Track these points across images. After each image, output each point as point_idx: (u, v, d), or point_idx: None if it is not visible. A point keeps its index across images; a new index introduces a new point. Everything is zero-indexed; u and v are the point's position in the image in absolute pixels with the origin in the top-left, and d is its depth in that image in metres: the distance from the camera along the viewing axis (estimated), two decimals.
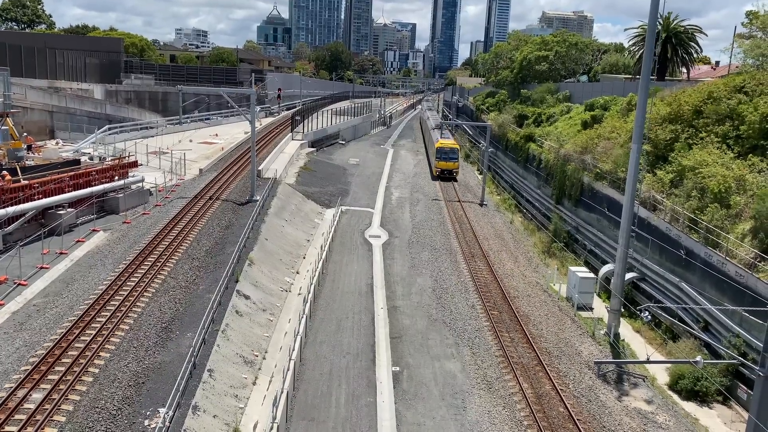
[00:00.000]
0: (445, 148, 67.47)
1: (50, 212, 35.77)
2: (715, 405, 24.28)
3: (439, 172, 66.80)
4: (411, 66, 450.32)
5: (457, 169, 67.25)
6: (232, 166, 54.93)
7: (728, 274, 25.50)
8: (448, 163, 66.58)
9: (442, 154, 67.10)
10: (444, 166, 66.71)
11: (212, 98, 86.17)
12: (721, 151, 31.68)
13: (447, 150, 67.25)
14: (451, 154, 66.87)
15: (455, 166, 67.03)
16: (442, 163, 66.69)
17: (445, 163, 66.54)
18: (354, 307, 31.33)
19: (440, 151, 67.29)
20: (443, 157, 66.89)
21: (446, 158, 66.63)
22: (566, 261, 40.05)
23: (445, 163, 66.62)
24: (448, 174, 66.64)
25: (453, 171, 67.04)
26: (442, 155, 67.01)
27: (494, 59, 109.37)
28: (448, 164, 66.61)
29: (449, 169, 66.80)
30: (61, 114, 68.30)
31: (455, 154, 67.34)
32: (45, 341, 22.56)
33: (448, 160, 66.53)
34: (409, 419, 22.03)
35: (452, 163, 66.48)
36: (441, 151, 67.29)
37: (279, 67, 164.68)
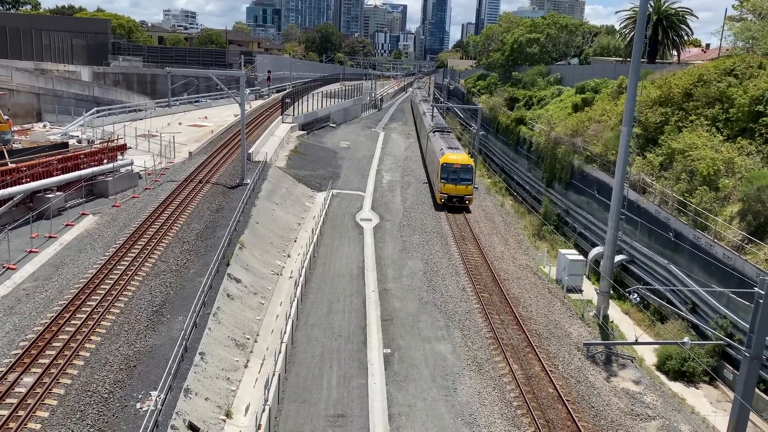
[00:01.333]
0: (454, 165, 46.70)
1: (38, 196, 35.48)
2: (701, 385, 24.63)
3: (446, 199, 46.26)
4: (402, 48, 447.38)
5: (470, 195, 46.85)
6: (222, 149, 54.63)
7: (716, 256, 25.75)
8: (458, 187, 46.26)
9: (450, 173, 46.46)
10: (452, 191, 46.29)
11: (201, 80, 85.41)
12: (710, 134, 31.82)
13: (457, 168, 46.54)
14: (462, 173, 46.42)
15: (468, 191, 46.53)
16: (449, 186, 46.30)
17: (454, 186, 46.24)
18: (345, 290, 31.42)
19: (446, 170, 46.63)
20: (451, 177, 46.45)
21: (455, 179, 46.38)
22: (556, 244, 40.27)
23: (453, 187, 46.26)
24: (459, 202, 46.43)
25: (465, 198, 46.54)
26: (449, 175, 46.45)
27: (485, 41, 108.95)
28: (458, 188, 46.27)
29: (460, 196, 46.30)
30: (48, 96, 67.55)
31: (469, 173, 46.80)
32: (35, 325, 22.50)
33: (459, 182, 46.32)
34: (400, 401, 22.22)
35: (464, 186, 46.41)
36: (448, 169, 46.64)
37: (269, 49, 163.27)
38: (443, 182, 46.70)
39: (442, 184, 46.80)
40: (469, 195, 47.05)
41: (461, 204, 46.84)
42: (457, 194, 46.50)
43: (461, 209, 46.72)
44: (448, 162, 46.93)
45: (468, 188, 46.78)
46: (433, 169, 53.20)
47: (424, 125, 72.50)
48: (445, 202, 46.58)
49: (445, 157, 47.72)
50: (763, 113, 29.74)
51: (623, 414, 22.15)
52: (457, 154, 48.91)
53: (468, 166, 47.28)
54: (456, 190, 46.46)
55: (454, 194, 46.38)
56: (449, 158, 47.46)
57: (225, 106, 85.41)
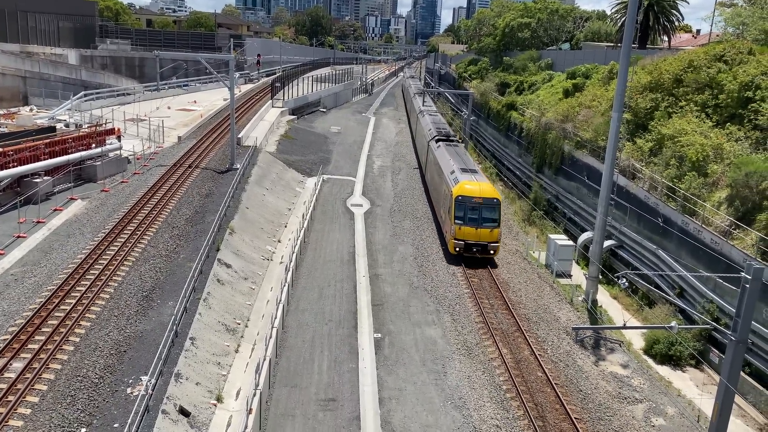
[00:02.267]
0: (474, 200, 33.73)
1: (26, 180, 35.15)
2: (688, 369, 24.95)
3: (462, 247, 33.23)
4: (393, 32, 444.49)
5: (497, 242, 33.52)
6: (211, 134, 54.28)
7: (704, 241, 25.97)
8: (480, 231, 33.15)
9: (467, 211, 33.56)
10: (471, 237, 33.15)
11: (190, 64, 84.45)
12: (699, 120, 31.93)
13: (477, 204, 33.65)
14: (485, 211, 33.60)
15: (494, 236, 33.31)
16: (467, 230, 33.22)
17: (474, 230, 33.15)
18: (336, 276, 31.46)
19: (462, 206, 33.67)
20: (469, 217, 33.49)
21: (475, 220, 33.37)
22: (546, 229, 40.45)
23: (473, 231, 33.17)
24: (480, 252, 33.21)
25: (490, 247, 33.24)
26: (466, 213, 33.53)
27: (477, 26, 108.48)
28: (480, 233, 33.15)
29: (482, 244, 33.10)
30: (34, 80, 66.69)
31: (494, 211, 33.80)
32: (24, 310, 22.40)
33: (480, 223, 33.29)
34: (390, 384, 22.37)
35: (487, 230, 33.21)
36: (464, 205, 33.68)
37: (258, 33, 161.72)
38: (458, 224, 33.08)
39: (456, 226, 33.07)
40: (495, 242, 33.03)
41: (484, 254, 33.01)
42: (478, 241, 32.78)
43: (484, 262, 33.23)
44: (464, 195, 33.52)
45: (494, 232, 32.99)
46: (440, 199, 38.84)
47: (420, 125, 59.86)
48: (461, 252, 33.05)
49: (459, 188, 34.08)
50: (752, 99, 29.87)
51: (611, 397, 22.43)
52: (476, 182, 34.95)
53: (493, 201, 33.63)
54: (476, 235, 32.80)
55: (473, 241, 32.75)
56: (466, 189, 33.87)
57: (214, 90, 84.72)
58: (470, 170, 38.02)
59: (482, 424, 20.36)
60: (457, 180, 35.51)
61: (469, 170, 37.95)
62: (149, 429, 16.61)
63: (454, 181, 35.50)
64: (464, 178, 35.57)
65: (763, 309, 21.85)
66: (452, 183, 35.56)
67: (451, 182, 35.88)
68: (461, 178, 35.57)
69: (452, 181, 35.97)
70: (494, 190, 35.64)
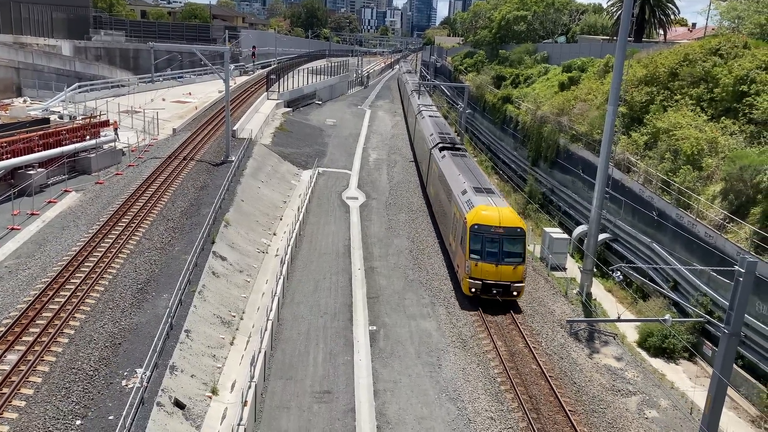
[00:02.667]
0: (493, 229, 27.99)
1: (20, 172, 34.99)
2: (681, 361, 25.09)
3: (479, 288, 27.71)
4: (388, 24, 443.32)
5: (521, 282, 27.92)
6: (206, 126, 54.08)
7: (698, 234, 26.07)
8: (500, 269, 27.63)
9: (485, 243, 27.92)
10: (490, 275, 27.64)
11: (185, 56, 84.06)
12: (695, 114, 32.00)
13: (497, 235, 27.93)
14: (507, 243, 27.90)
15: (518, 274, 27.70)
16: (485, 267, 27.68)
17: (494, 267, 27.62)
18: (331, 268, 31.47)
19: (479, 236, 27.99)
20: (488, 251, 27.89)
21: (494, 255, 27.81)
22: (541, 222, 40.53)
23: (492, 269, 27.63)
24: (502, 294, 27.69)
25: (513, 288, 27.68)
26: (484, 246, 27.94)
27: (473, 18, 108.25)
28: (500, 270, 27.62)
29: (504, 284, 27.61)
30: (27, 71, 66.20)
31: (518, 243, 28.04)
32: (18, 303, 22.34)
33: (501, 258, 27.77)
34: (385, 377, 22.43)
35: (509, 267, 27.68)
36: (481, 236, 27.98)
37: (253, 24, 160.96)
38: (474, 259, 27.50)
39: (471, 262, 27.51)
40: (520, 282, 27.46)
41: (506, 297, 27.54)
42: (499, 280, 27.26)
43: (506, 307, 27.76)
44: (481, 223, 27.75)
45: (518, 270, 27.39)
46: (448, 223, 33.26)
47: (420, 128, 53.62)
48: (478, 293, 27.50)
49: (475, 214, 28.15)
50: (747, 93, 29.92)
51: (604, 389, 22.55)
52: (495, 206, 28.92)
53: (516, 231, 27.76)
54: (497, 273, 27.25)
55: (492, 280, 27.24)
56: (483, 216, 27.98)
57: (209, 82, 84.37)
58: (485, 190, 31.70)
59: (476, 416, 20.45)
60: (472, 203, 29.30)
61: (485, 190, 31.59)
62: (144, 421, 16.62)
63: (468, 205, 29.44)
64: (480, 200, 29.52)
65: (756, 302, 21.98)
66: (465, 207, 29.51)
67: (463, 206, 29.87)
68: (476, 201, 29.41)
69: (465, 204, 29.86)
70: (517, 216, 29.07)
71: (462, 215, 29.47)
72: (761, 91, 29.42)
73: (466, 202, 30.12)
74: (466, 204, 29.95)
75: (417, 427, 19.83)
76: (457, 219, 30.73)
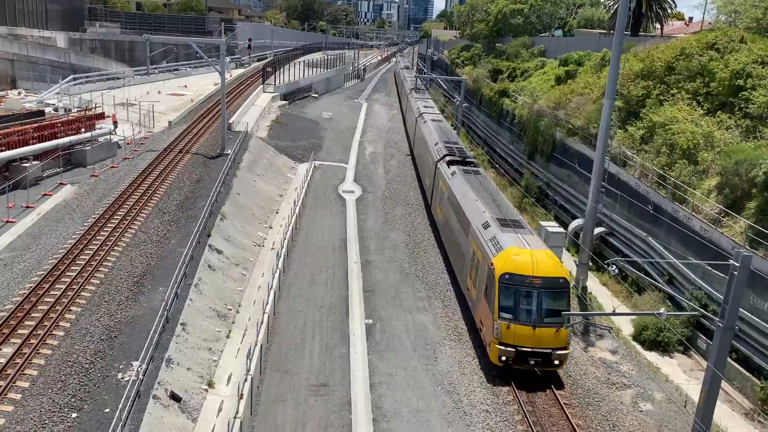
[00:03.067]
0: (528, 281, 21.81)
1: (14, 165, 34.82)
2: (676, 355, 25.21)
3: (512, 356, 21.56)
4: (385, 17, 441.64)
5: (565, 349, 21.78)
6: (202, 119, 53.90)
7: (693, 228, 26.14)
8: (538, 332, 21.47)
9: (518, 298, 21.82)
10: (525, 340, 21.49)
11: (181, 48, 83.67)
12: (691, 108, 32.02)
13: (534, 288, 21.80)
14: (546, 298, 21.73)
15: (561, 339, 21.60)
16: (521, 330, 21.53)
17: (531, 331, 21.49)
18: (328, 262, 31.48)
19: (509, 289, 21.84)
20: (522, 308, 21.79)
21: (529, 314, 21.71)
22: (537, 216, 40.56)
23: (528, 332, 21.49)
24: (541, 363, 21.66)
25: (554, 356, 21.49)
26: (517, 303, 21.79)
27: (470, 12, 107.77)
28: (538, 335, 21.47)
29: (544, 352, 21.44)
30: (22, 63, 65.76)
31: (561, 298, 21.88)
32: (13, 296, 22.28)
33: (540, 320, 21.63)
34: (381, 370, 22.48)
35: (551, 329, 21.49)
36: (515, 289, 21.82)
37: (249, 17, 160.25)
38: (505, 319, 21.62)
39: (502, 323, 21.56)
40: (563, 349, 21.74)
41: (546, 367, 21.92)
42: (537, 347, 21.46)
43: (544, 380, 21.94)
44: (513, 273, 21.85)
45: (561, 334, 21.60)
46: (464, 264, 27.28)
47: (422, 134, 47.61)
48: (510, 362, 21.75)
49: (505, 259, 22.30)
50: (743, 87, 29.95)
51: (599, 383, 22.65)
52: (528, 248, 22.99)
53: (558, 282, 21.90)
54: (534, 338, 21.47)
55: (529, 347, 21.47)
56: (515, 261, 22.10)
57: (205, 75, 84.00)
58: (513, 223, 25.53)
59: (472, 409, 20.52)
60: (499, 243, 23.23)
61: (512, 223, 25.42)
62: (140, 414, 16.64)
63: (494, 245, 23.33)
64: (508, 239, 23.32)
65: (750, 296, 22.07)
66: (490, 247, 23.40)
67: (486, 245, 23.73)
68: (504, 240, 23.30)
69: (489, 243, 23.73)
70: (557, 261, 22.70)
71: (486, 258, 23.17)
72: (757, 85, 29.45)
73: (490, 240, 23.99)
74: (490, 243, 23.79)
75: (413, 419, 19.90)
76: (478, 261, 24.56)
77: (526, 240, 23.94)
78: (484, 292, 23.22)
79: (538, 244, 24.03)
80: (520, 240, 23.74)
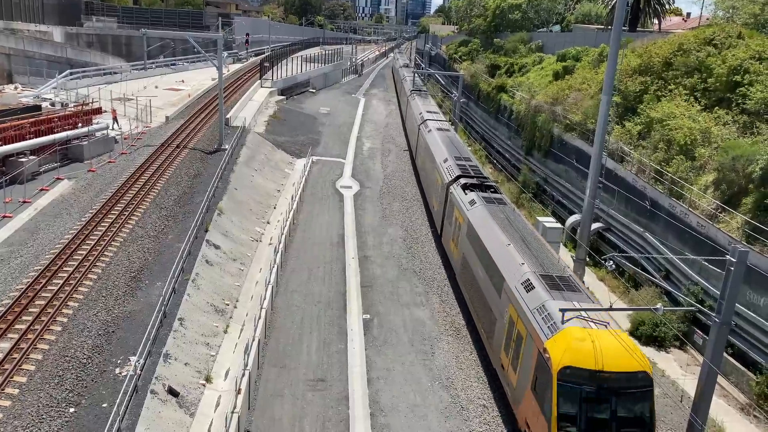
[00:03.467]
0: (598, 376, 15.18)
1: (11, 160, 34.73)
2: (672, 350, 25.29)
3: None
4: (383, 12, 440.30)
5: None
6: (199, 114, 53.79)
7: (690, 224, 26.19)
8: None
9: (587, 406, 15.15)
10: None
11: (178, 43, 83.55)
12: (688, 104, 32.03)
13: (605, 389, 15.17)
14: (627, 404, 15.29)
15: None
16: None
17: None
18: (325, 257, 31.49)
19: (576, 393, 15.16)
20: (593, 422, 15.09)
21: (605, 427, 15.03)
22: (534, 211, 40.59)
23: None
24: None
25: None
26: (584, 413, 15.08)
27: (468, 7, 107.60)
28: None
29: None
30: (19, 57, 65.65)
31: (644, 402, 15.37)
32: (11, 291, 22.25)
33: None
34: (379, 365, 22.52)
35: None
36: (580, 391, 15.17)
37: (247, 11, 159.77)
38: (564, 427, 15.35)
39: None
40: None
41: None
42: None
43: None
44: (578, 366, 15.55)
45: None
46: (498, 330, 20.99)
47: (427, 146, 41.80)
48: None
49: (565, 348, 15.93)
50: (741, 83, 29.97)
51: None
52: (595, 329, 16.57)
53: (638, 379, 15.67)
54: None
55: None
56: (577, 349, 15.78)
57: (202, 70, 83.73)
58: (562, 281, 19.48)
59: (469, 404, 20.58)
60: (553, 322, 16.99)
61: (560, 282, 19.38)
62: (138, 409, 16.65)
63: (547, 324, 17.14)
64: (563, 310, 16.77)
65: (747, 292, 22.14)
66: (540, 325, 17.28)
67: (534, 319, 17.71)
68: (554, 309, 17.30)
69: (537, 315, 17.74)
70: (632, 345, 16.34)
71: (537, 340, 16.98)
72: (755, 81, 29.47)
73: (537, 311, 17.78)
74: (539, 315, 17.56)
75: (410, 414, 19.95)
76: (520, 337, 18.41)
77: (585, 307, 17.34)
78: (532, 386, 16.87)
79: (605, 322, 16.98)
80: (579, 308, 17.00)
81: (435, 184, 36.30)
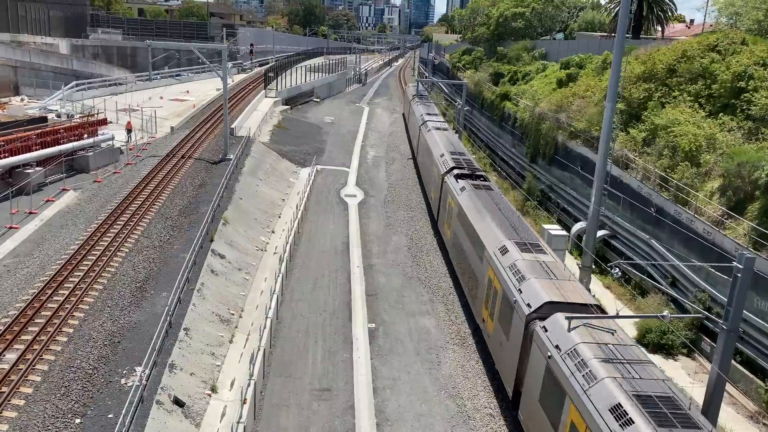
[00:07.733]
0: None
1: (17, 171, 34.95)
2: (679, 357, 25.12)
3: None
4: (386, 22, 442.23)
5: None
6: (204, 124, 54.00)
7: (696, 231, 26.09)
8: None
9: None
10: None
11: (183, 54, 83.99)
12: (693, 110, 31.98)
13: None
14: None
15: None
16: None
17: None
18: (330, 266, 31.47)
19: None
20: None
21: None
22: (539, 219, 40.51)
23: None
24: None
25: None
26: None
27: (471, 15, 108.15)
28: None
29: None
30: (25, 69, 66.12)
31: None
32: (17, 302, 22.30)
33: None
34: (384, 374, 22.44)
35: None
36: None
37: (251, 22, 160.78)
38: None
39: None
40: None
41: None
42: None
43: None
44: None
45: None
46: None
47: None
48: None
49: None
50: (745, 89, 29.92)
51: None
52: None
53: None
54: None
55: None
56: None
57: (207, 80, 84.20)
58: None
59: (476, 413, 20.47)
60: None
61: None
62: (143, 419, 16.62)
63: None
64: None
65: (754, 298, 22.01)
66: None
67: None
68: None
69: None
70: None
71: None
72: (759, 87, 29.42)
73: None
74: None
75: (416, 424, 19.85)
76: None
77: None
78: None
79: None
80: None
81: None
